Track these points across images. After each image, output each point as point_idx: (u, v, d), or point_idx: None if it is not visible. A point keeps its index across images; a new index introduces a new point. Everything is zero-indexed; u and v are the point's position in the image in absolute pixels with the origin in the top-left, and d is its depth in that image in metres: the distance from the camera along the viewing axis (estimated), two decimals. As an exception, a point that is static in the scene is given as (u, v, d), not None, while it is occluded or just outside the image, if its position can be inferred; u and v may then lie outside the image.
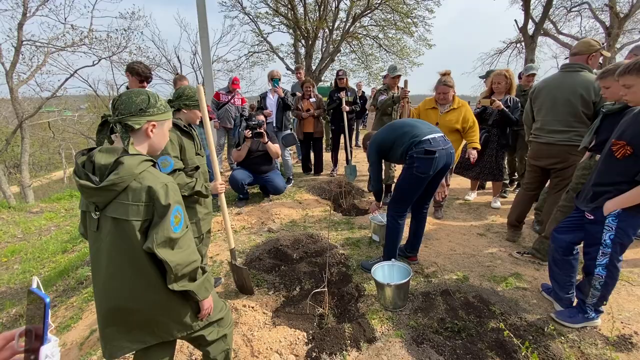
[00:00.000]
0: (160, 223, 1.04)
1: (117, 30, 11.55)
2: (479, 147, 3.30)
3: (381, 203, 2.90)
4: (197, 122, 2.11)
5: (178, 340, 1.42)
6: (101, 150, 1.05)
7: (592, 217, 1.81)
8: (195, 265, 1.15)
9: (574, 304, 2.07)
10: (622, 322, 2.00)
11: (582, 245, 1.95)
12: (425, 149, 2.25)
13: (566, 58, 3.03)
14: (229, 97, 5.24)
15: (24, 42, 9.97)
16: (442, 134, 2.37)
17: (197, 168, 2.02)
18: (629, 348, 1.81)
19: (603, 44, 2.62)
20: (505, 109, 3.56)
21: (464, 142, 3.42)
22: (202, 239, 2.26)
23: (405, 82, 3.84)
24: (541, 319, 2.05)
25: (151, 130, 1.14)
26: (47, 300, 0.59)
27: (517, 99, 3.71)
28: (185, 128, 1.96)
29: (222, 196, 2.15)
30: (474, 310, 2.12)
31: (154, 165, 1.13)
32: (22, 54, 10.06)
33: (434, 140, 2.28)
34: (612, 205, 1.71)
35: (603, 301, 1.90)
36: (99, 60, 11.12)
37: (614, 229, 1.73)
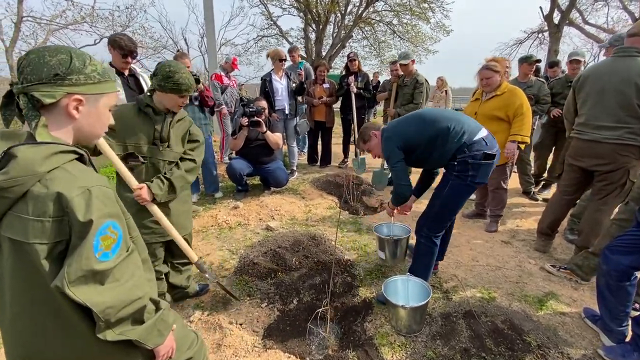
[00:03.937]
0: (77, 248, 0.69)
1: (118, 8, 11.12)
2: (524, 140, 2.75)
3: (397, 208, 2.33)
4: (178, 108, 1.73)
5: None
6: None
7: None
8: (140, 304, 0.80)
9: (628, 338, 1.70)
10: (688, 365, 1.63)
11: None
12: (485, 153, 1.83)
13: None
14: (230, 79, 4.83)
15: (24, 19, 9.63)
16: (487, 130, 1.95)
17: (143, 160, 1.61)
18: (703, 402, 1.45)
19: None
20: None
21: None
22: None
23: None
24: (587, 355, 1.69)
25: (75, 108, 0.76)
26: None
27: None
28: (144, 110, 1.59)
29: (153, 206, 1.60)
30: (505, 340, 1.77)
31: (81, 160, 0.78)
32: (22, 31, 9.74)
33: (488, 140, 1.88)
34: None
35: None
36: (101, 39, 10.74)
37: None
